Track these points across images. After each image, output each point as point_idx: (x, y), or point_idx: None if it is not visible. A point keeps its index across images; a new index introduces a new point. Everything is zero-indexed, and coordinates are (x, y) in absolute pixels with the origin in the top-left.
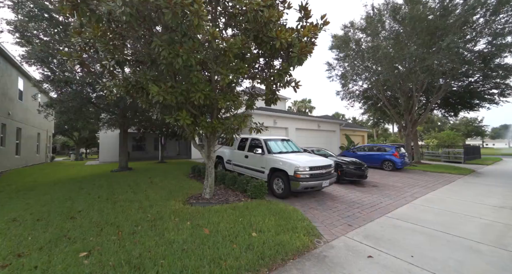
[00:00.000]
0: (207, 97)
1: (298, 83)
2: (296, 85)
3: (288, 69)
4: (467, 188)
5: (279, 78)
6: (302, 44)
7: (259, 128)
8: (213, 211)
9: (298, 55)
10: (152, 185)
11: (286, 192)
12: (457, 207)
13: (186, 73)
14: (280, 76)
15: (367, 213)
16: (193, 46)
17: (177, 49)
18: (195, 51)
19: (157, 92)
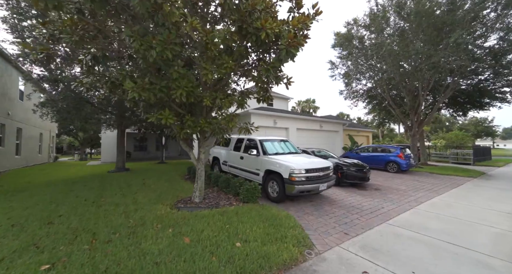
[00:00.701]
0: (191, 94)
1: (290, 80)
2: (288, 82)
3: (277, 63)
4: (476, 192)
5: (267, 73)
6: (290, 34)
7: (248, 128)
8: (200, 216)
9: (286, 48)
10: (143, 187)
11: (281, 196)
12: (466, 214)
13: (167, 69)
14: (268, 72)
15: (366, 220)
16: (168, 37)
17: (150, 40)
18: (171, 43)
19: (132, 88)
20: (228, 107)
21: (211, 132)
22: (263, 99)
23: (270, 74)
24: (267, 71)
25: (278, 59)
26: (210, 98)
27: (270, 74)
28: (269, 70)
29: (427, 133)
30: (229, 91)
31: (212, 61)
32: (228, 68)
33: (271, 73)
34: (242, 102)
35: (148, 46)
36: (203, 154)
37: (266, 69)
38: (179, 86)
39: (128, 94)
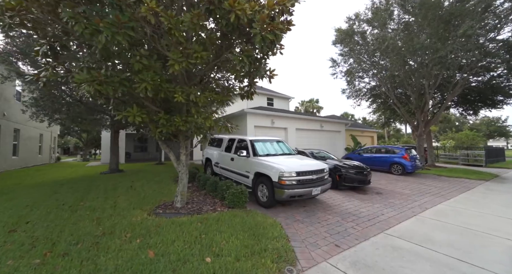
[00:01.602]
0: (161, 89)
1: (273, 72)
2: (270, 75)
3: (252, 52)
4: (489, 196)
5: (241, 63)
6: (262, 15)
7: (227, 127)
8: (177, 224)
9: (260, 33)
10: (129, 190)
11: (271, 201)
12: (477, 222)
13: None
14: (241, 62)
15: (362, 229)
16: (118, 19)
17: (95, 23)
18: (123, 27)
19: (82, 81)
20: (205, 103)
21: (187, 132)
22: (247, 95)
23: (245, 64)
24: (241, 62)
25: (254, 47)
26: (183, 93)
27: (245, 65)
28: (242, 60)
29: (435, 133)
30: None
31: (180, 51)
32: (199, 59)
33: (245, 63)
34: (224, 98)
35: (93, 29)
36: (184, 155)
37: (239, 59)
38: (143, 79)
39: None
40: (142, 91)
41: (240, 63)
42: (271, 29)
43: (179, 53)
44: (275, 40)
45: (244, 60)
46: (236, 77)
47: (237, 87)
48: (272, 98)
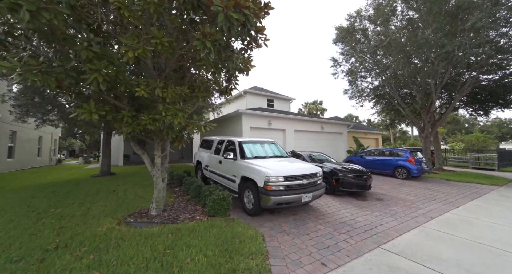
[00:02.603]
0: (120, 81)
1: (250, 60)
2: (245, 67)
3: (218, 36)
4: (503, 204)
5: (205, 50)
6: None
7: (200, 126)
8: (144, 235)
9: (224, 11)
10: (110, 195)
11: (256, 208)
12: (490, 235)
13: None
14: (203, 45)
15: (356, 242)
16: None
17: None
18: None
19: (10, 68)
20: (175, 100)
21: (157, 132)
22: (225, 91)
23: (210, 51)
24: (202, 44)
25: (220, 29)
26: (148, 87)
27: (210, 52)
28: (204, 43)
29: (443, 135)
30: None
31: (136, 36)
32: (159, 46)
33: (210, 49)
34: (200, 94)
35: (10, 2)
36: (159, 158)
37: (201, 42)
38: (94, 69)
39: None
40: (93, 84)
41: (204, 49)
42: (236, 6)
43: (134, 39)
44: (246, 23)
45: (208, 45)
46: (206, 69)
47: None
48: (273, 99)
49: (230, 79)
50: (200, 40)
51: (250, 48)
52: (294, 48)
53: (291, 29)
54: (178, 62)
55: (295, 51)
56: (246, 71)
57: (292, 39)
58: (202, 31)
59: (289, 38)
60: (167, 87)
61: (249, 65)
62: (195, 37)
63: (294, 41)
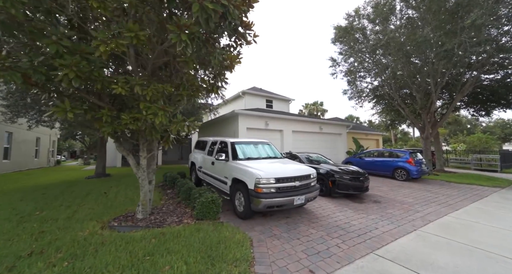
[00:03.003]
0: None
1: (235, 57)
2: (230, 64)
3: (195, 29)
4: (505, 207)
5: (182, 44)
6: None
7: (183, 126)
8: (125, 240)
9: (198, 1)
10: (100, 197)
11: (247, 211)
12: (490, 240)
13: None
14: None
15: (348, 248)
16: None
17: None
18: None
19: None
20: (156, 98)
21: (138, 132)
22: (212, 89)
23: (187, 45)
24: (178, 38)
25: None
26: (127, 85)
27: (187, 46)
28: (179, 36)
29: (444, 136)
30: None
31: (110, 30)
32: (134, 40)
33: (187, 43)
34: (184, 93)
35: None
36: (145, 159)
37: (177, 35)
38: (65, 65)
39: None
40: (64, 81)
41: (180, 43)
42: None
43: (106, 33)
44: (227, 16)
45: (183, 37)
46: (188, 65)
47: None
48: (271, 100)
49: (216, 77)
50: (176, 33)
51: (240, 45)
52: (295, 48)
53: (293, 30)
54: (161, 58)
55: (296, 51)
56: (231, 69)
57: (293, 39)
58: (177, 23)
59: (290, 38)
60: (148, 85)
61: (234, 62)
62: (170, 30)
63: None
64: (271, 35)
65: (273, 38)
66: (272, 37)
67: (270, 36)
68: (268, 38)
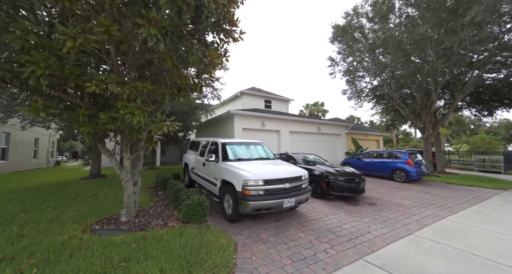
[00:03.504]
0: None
1: (216, 54)
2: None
3: (165, 22)
4: (507, 210)
5: (148, 35)
6: None
7: (162, 126)
8: (104, 245)
9: None
10: (89, 198)
11: (235, 214)
12: (487, 246)
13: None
14: (147, 32)
15: (337, 253)
16: None
17: None
18: None
19: None
20: (135, 97)
21: (118, 132)
22: (195, 88)
23: (160, 41)
24: (147, 32)
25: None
26: (101, 82)
27: (159, 41)
28: (149, 30)
29: (447, 137)
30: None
31: (79, 24)
32: (105, 35)
33: (158, 38)
34: (167, 91)
35: None
36: (128, 160)
37: (147, 30)
38: (31, 61)
39: None
40: (31, 78)
41: (152, 38)
42: None
43: (76, 27)
44: (203, 9)
45: (152, 32)
46: (165, 62)
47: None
48: (270, 100)
49: (200, 76)
50: (146, 27)
51: (227, 42)
52: (296, 48)
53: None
54: (142, 55)
55: (298, 52)
56: (213, 66)
57: (295, 39)
58: (147, 16)
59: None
60: (126, 83)
61: (215, 59)
62: (139, 23)
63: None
64: (273, 35)
65: (275, 38)
66: (274, 37)
67: (272, 36)
68: (270, 38)
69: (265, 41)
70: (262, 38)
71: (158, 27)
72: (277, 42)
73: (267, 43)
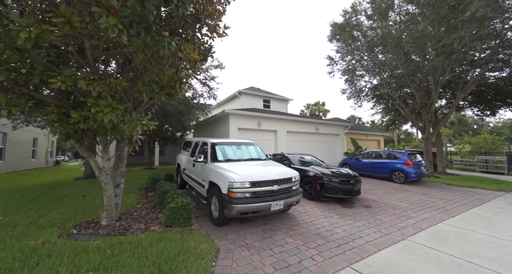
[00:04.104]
0: (33, 73)
1: (190, 47)
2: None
3: (123, 12)
4: (508, 213)
5: (108, 26)
6: None
7: (136, 125)
8: (77, 251)
9: None
10: (76, 200)
11: (221, 218)
12: (484, 253)
13: None
14: (106, 22)
15: (324, 260)
16: None
17: None
18: None
19: None
20: (108, 94)
21: (98, 131)
22: (174, 85)
23: (122, 32)
24: (106, 22)
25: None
26: (68, 79)
27: (122, 32)
28: (108, 20)
29: (449, 137)
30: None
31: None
32: (66, 26)
33: (119, 28)
34: (144, 89)
35: None
36: (107, 161)
37: (106, 20)
38: None
39: None
40: None
41: (113, 29)
42: None
43: (31, 18)
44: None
45: (111, 21)
46: (137, 56)
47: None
48: (269, 100)
49: (178, 72)
50: (105, 17)
51: (211, 37)
52: (298, 48)
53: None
54: (114, 50)
55: (299, 51)
56: (189, 62)
57: (297, 39)
58: (104, 4)
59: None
60: (97, 80)
61: (191, 53)
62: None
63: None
64: (276, 35)
65: (278, 37)
66: (277, 36)
67: (275, 36)
68: (272, 38)
69: (267, 40)
70: (264, 38)
71: (119, 17)
72: (279, 42)
73: (269, 43)
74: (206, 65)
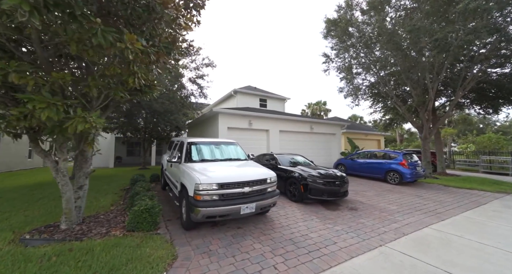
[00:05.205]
0: None
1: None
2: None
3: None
4: (502, 217)
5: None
6: None
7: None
8: (17, 260)
9: None
10: (51, 201)
11: (188, 222)
12: (468, 262)
13: None
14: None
15: (288, 269)
16: None
17: None
18: None
19: None
20: (49, 89)
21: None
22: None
23: (33, 14)
24: (7, 4)
25: None
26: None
27: (33, 15)
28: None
29: (453, 137)
30: None
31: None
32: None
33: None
34: (94, 83)
35: None
36: (64, 162)
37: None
38: None
39: None
40: None
41: (23, 12)
42: None
43: None
44: None
45: (15, 1)
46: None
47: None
48: (265, 99)
49: (131, 65)
50: None
51: (175, 30)
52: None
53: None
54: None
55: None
56: (142, 54)
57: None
58: None
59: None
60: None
61: (134, 45)
62: None
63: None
64: (276, 33)
65: (277, 36)
66: (277, 35)
67: (275, 34)
68: (272, 37)
69: (268, 39)
70: (264, 37)
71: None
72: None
73: (270, 42)
74: (198, 64)
